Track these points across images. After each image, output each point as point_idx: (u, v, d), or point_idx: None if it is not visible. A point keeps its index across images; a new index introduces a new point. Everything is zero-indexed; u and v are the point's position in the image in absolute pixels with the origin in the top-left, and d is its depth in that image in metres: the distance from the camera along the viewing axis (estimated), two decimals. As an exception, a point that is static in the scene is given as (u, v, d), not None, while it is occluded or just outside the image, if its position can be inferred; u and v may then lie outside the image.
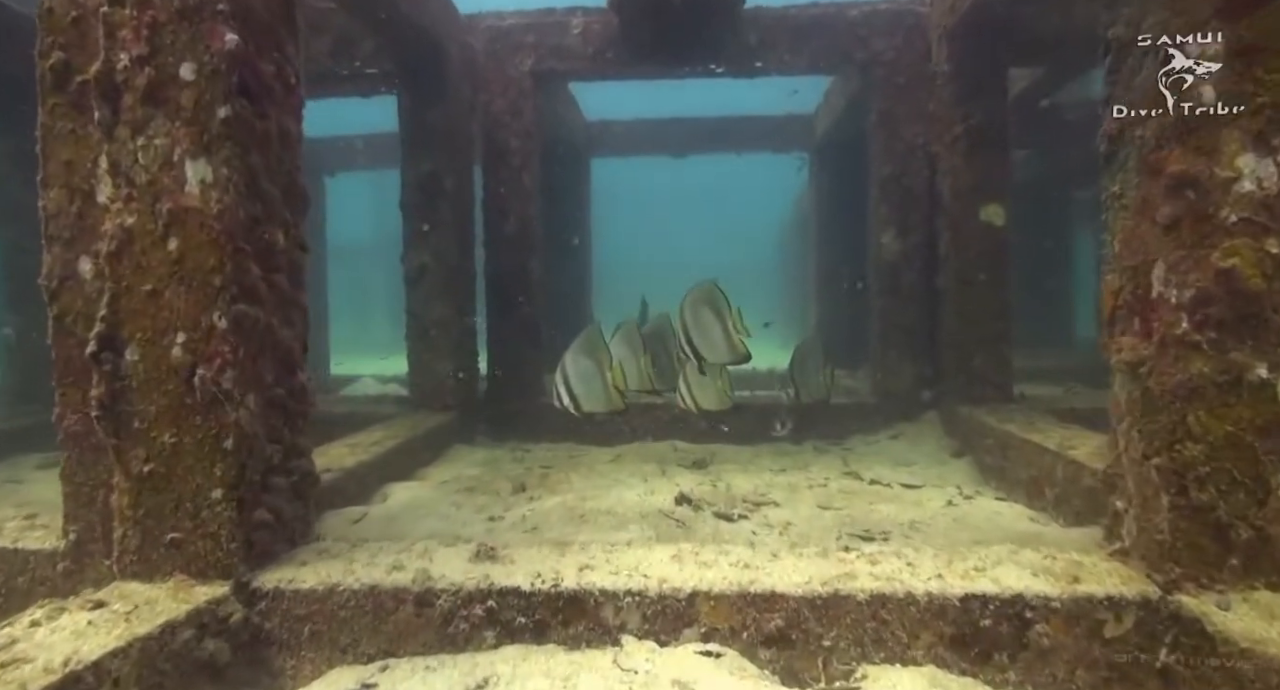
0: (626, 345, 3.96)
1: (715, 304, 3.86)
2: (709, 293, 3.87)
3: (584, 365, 3.72)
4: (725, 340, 3.87)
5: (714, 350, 3.90)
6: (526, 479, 4.05)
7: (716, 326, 3.87)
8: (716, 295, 3.85)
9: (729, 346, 3.86)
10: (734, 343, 3.86)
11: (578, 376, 3.72)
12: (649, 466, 4.38)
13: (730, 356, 3.84)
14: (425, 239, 5.15)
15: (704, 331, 3.87)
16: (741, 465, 4.47)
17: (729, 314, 3.85)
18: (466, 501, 3.58)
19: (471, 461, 4.60)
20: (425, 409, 5.18)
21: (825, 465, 4.47)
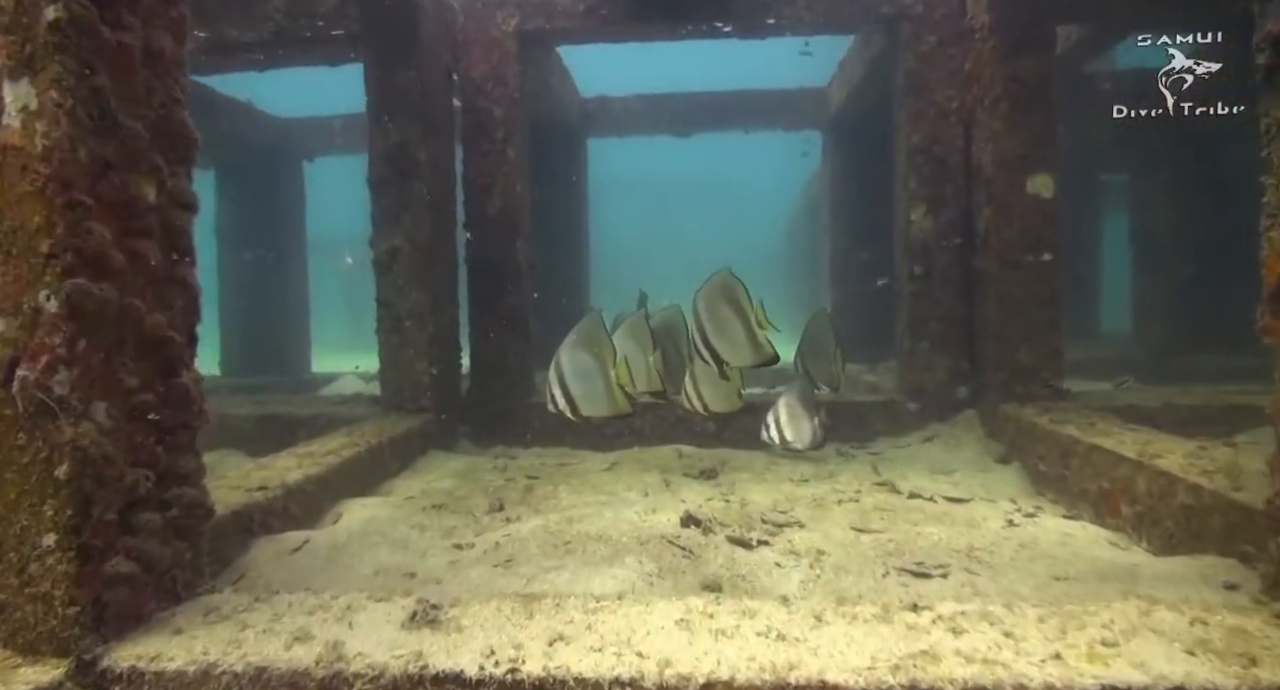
0: (633, 340, 3.40)
1: (734, 297, 3.28)
2: (726, 285, 3.28)
3: (582, 361, 3.15)
4: (747, 339, 3.28)
5: (735, 350, 3.32)
6: (507, 494, 3.47)
7: (736, 323, 3.29)
8: (735, 287, 3.27)
9: (752, 346, 3.28)
10: (758, 342, 3.28)
11: (575, 374, 3.15)
12: (650, 477, 3.80)
13: (754, 357, 3.26)
14: (396, 220, 4.56)
15: (722, 329, 3.30)
16: (757, 474, 3.88)
17: (750, 309, 3.27)
18: (433, 523, 3.00)
19: (447, 471, 4.02)
20: (398, 411, 4.61)
21: (853, 474, 3.88)
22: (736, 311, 3.29)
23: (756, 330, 3.26)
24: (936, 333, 4.80)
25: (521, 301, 4.93)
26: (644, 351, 3.37)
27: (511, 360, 4.95)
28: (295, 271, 8.64)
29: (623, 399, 3.20)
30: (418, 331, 4.57)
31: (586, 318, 3.23)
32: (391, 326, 4.61)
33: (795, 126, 7.85)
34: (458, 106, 5.06)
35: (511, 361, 4.94)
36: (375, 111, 4.53)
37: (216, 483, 3.01)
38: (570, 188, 7.83)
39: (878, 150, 7.36)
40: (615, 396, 3.18)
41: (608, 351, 3.15)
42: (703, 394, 3.51)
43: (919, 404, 4.80)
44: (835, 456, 4.35)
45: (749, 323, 3.27)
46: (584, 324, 3.21)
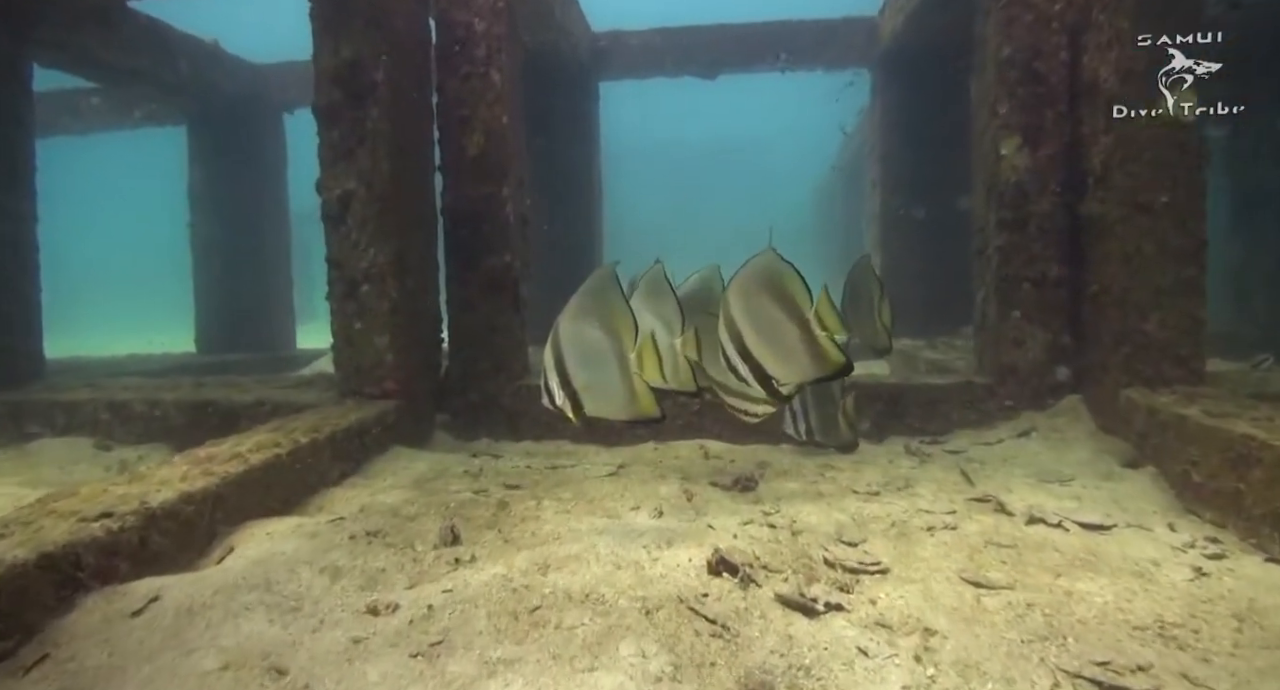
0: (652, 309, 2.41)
1: (782, 289, 2.28)
2: (769, 272, 2.27)
3: (589, 339, 2.17)
4: (805, 347, 2.28)
5: (787, 362, 2.33)
6: (472, 513, 2.56)
7: (788, 325, 2.29)
8: (783, 275, 2.25)
9: (811, 356, 2.28)
10: (820, 351, 2.29)
11: (580, 356, 2.17)
12: (666, 487, 2.86)
13: (814, 370, 2.29)
14: (349, 157, 3.64)
15: (769, 334, 2.30)
16: (808, 483, 2.93)
17: (808, 304, 2.26)
18: (354, 564, 2.10)
19: (406, 477, 3.12)
20: (356, 398, 3.71)
21: (937, 483, 2.91)
22: (787, 309, 2.28)
23: (817, 334, 2.25)
24: (1032, 299, 3.79)
25: (509, 262, 3.99)
26: (667, 329, 2.43)
27: (499, 335, 4.02)
28: (276, 238, 7.77)
29: (648, 396, 2.19)
30: (377, 298, 3.65)
31: (597, 273, 2.23)
32: (345, 292, 3.70)
33: (839, 64, 6.79)
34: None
35: (499, 336, 4.02)
36: (321, 18, 3.58)
37: (52, 506, 2.13)
38: (579, 137, 6.86)
39: (939, 88, 6.32)
40: (636, 392, 2.17)
41: (625, 325, 2.16)
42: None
43: (1007, 388, 3.81)
44: (905, 456, 3.38)
45: (805, 323, 2.26)
46: (593, 282, 2.21)
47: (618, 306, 2.16)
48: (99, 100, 8.22)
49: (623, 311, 2.15)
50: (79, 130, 8.34)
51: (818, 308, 2.24)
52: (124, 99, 8.08)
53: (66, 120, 8.08)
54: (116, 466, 3.67)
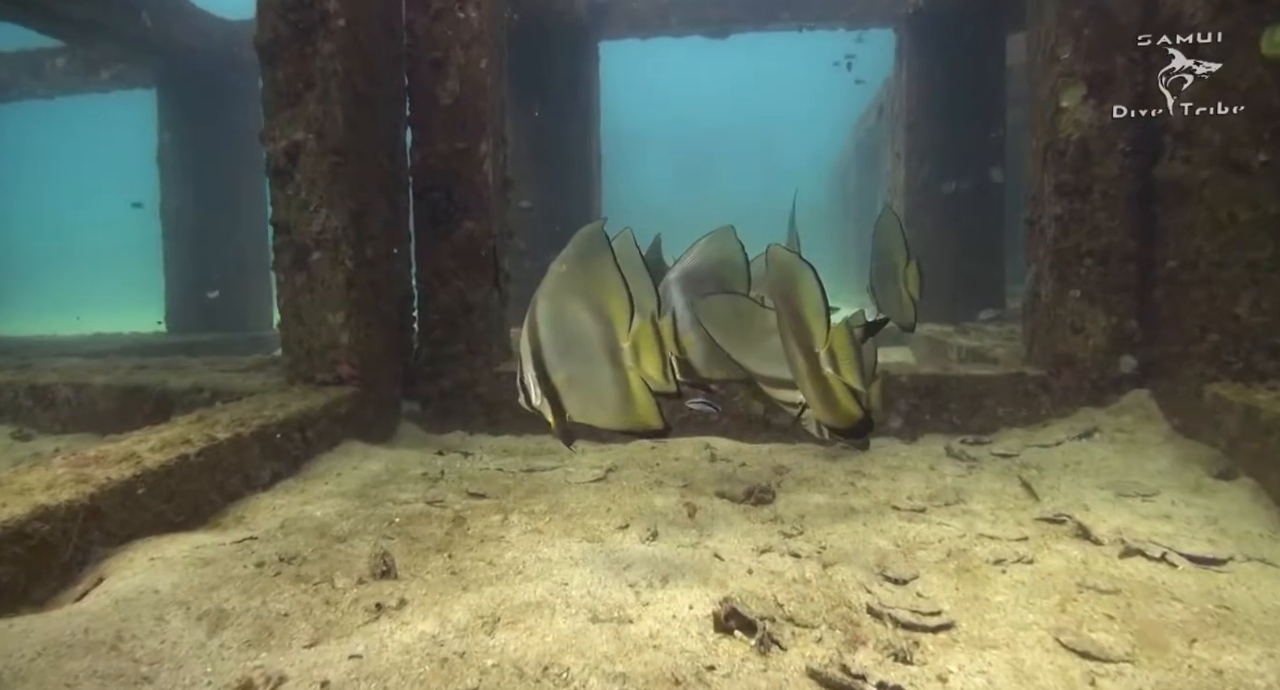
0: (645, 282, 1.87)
1: (792, 280, 1.75)
2: (784, 272, 1.76)
3: (573, 322, 1.64)
4: (813, 386, 1.76)
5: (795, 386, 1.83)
6: (420, 532, 2.04)
7: (795, 355, 1.77)
8: (798, 279, 1.73)
9: (822, 401, 1.76)
10: (832, 397, 1.76)
11: (561, 346, 1.64)
12: (664, 498, 2.35)
13: (823, 415, 1.78)
14: (297, 101, 3.10)
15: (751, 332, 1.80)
16: (835, 494, 2.41)
17: (820, 329, 1.73)
18: (247, 607, 1.59)
19: (350, 481, 2.60)
20: (306, 383, 3.20)
21: (993, 495, 2.39)
22: (797, 332, 1.77)
23: (827, 372, 1.73)
24: (1094, 276, 3.24)
25: (485, 229, 3.46)
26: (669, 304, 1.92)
27: (474, 313, 3.49)
28: (252, 209, 7.23)
29: (646, 400, 1.63)
30: (330, 268, 3.13)
31: (582, 233, 1.69)
32: (293, 261, 3.17)
33: (861, 21, 6.19)
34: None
35: (474, 315, 3.49)
36: (261, -62, 3.04)
37: None
38: (577, 103, 6.31)
39: (972, 49, 5.75)
40: (631, 394, 1.64)
41: (618, 303, 1.62)
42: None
43: (1063, 380, 3.28)
44: (948, 460, 2.86)
45: (814, 357, 1.73)
46: (577, 246, 1.66)
47: (608, 278, 1.62)
48: (64, 61, 7.68)
49: (614, 285, 1.61)
50: (43, 94, 7.81)
51: (832, 343, 1.71)
52: (89, 59, 7.54)
53: (28, 82, 7.54)
54: (29, 460, 3.17)
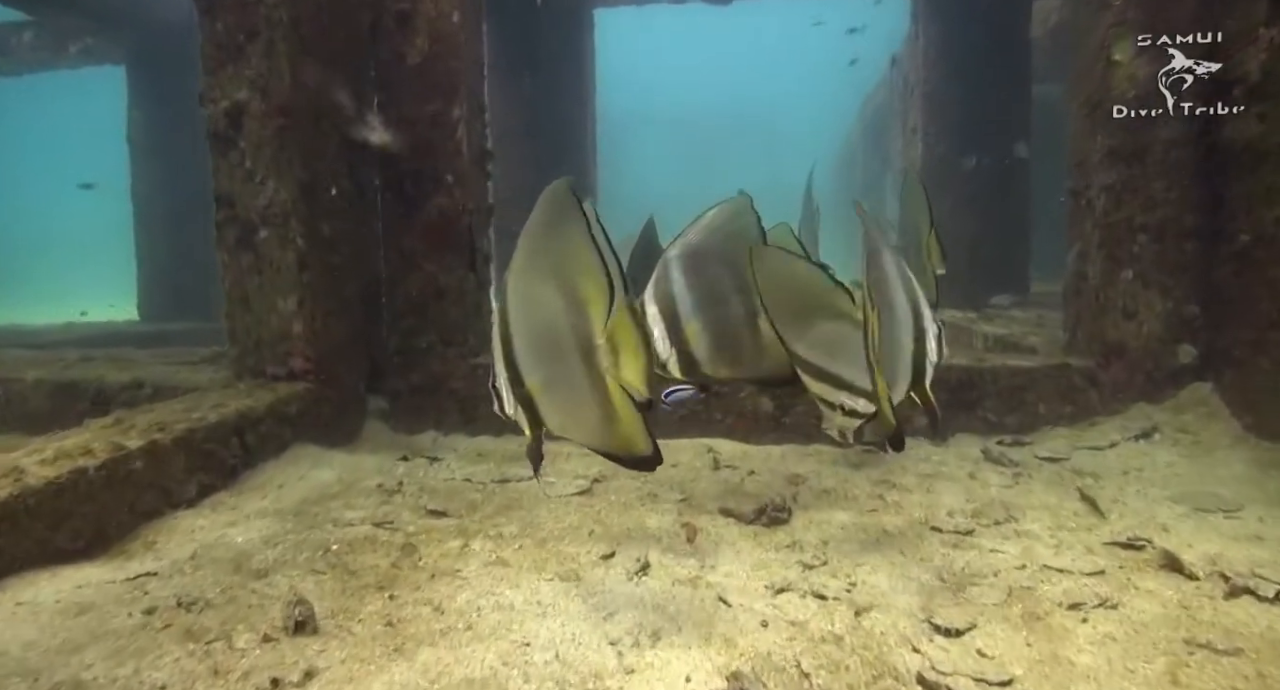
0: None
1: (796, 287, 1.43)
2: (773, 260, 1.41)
3: (544, 309, 1.26)
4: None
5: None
6: (355, 566, 1.67)
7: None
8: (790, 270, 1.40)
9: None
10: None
11: (532, 340, 1.27)
12: (658, 518, 1.97)
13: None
14: (238, 56, 2.71)
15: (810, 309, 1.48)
16: (863, 510, 2.03)
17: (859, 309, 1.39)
18: (110, 680, 1.22)
19: (291, 495, 2.23)
20: (254, 378, 2.83)
21: (1049, 511, 2.01)
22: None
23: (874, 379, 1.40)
24: (1150, 254, 2.85)
25: (460, 205, 3.07)
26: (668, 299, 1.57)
27: (447, 299, 3.11)
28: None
29: (631, 417, 1.29)
30: (279, 248, 2.75)
31: (548, 195, 1.30)
32: (238, 239, 2.79)
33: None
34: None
35: (447, 302, 3.11)
36: None
37: None
38: (570, 75, 5.90)
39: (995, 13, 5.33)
40: (612, 408, 1.30)
41: (594, 284, 1.25)
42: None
43: (1113, 373, 2.89)
44: (988, 466, 2.48)
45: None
46: (543, 211, 1.30)
47: (580, 253, 1.24)
48: (31, 36, 7.28)
49: (588, 263, 1.24)
50: (9, 71, 7.42)
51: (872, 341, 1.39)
52: (57, 34, 7.14)
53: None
54: (-56, 467, 2.81)
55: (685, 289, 1.71)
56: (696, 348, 1.70)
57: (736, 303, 1.70)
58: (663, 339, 1.72)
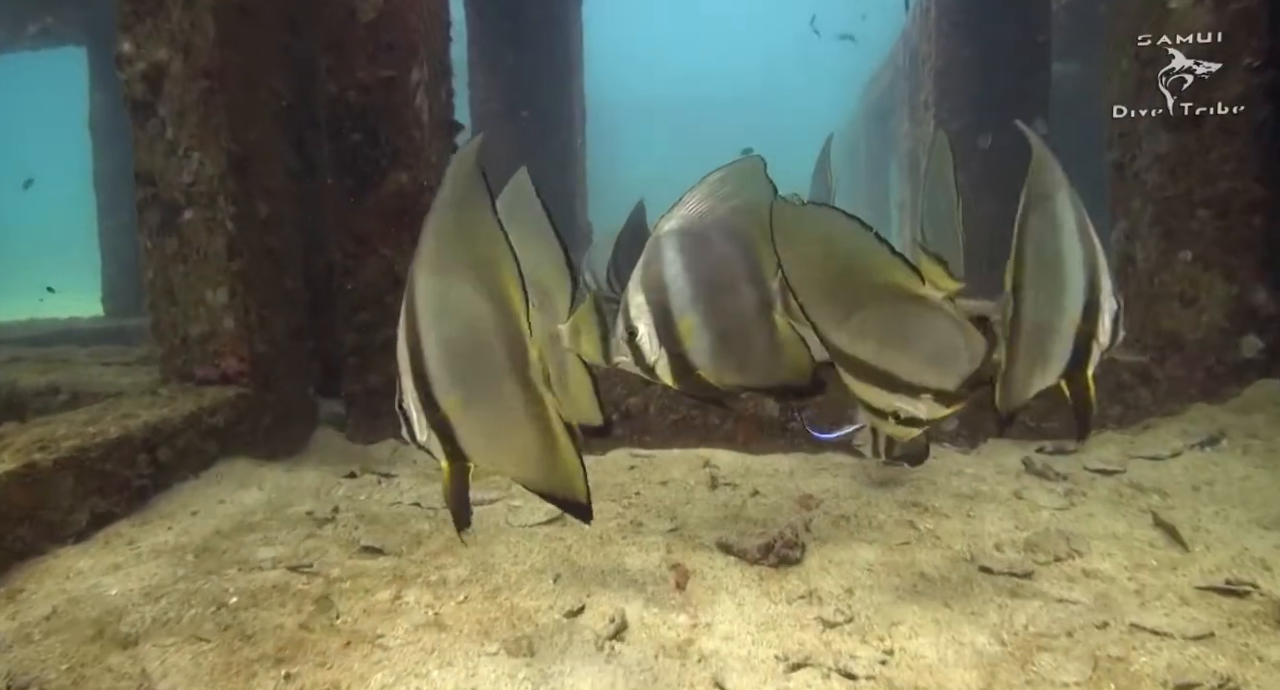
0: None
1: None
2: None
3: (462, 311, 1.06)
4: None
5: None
6: (251, 629, 1.31)
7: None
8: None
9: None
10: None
11: (447, 350, 1.05)
12: (640, 556, 1.60)
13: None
14: (157, 10, 2.33)
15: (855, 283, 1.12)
16: (891, 543, 1.66)
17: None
18: None
19: (201, 525, 1.85)
20: (182, 382, 2.46)
21: (1118, 542, 1.64)
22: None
23: None
24: (1211, 233, 2.48)
25: (420, 181, 2.69)
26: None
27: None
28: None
29: (570, 458, 1.09)
30: (206, 231, 2.37)
31: (456, 163, 1.05)
32: (161, 222, 2.42)
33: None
34: None
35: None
36: None
37: None
38: (557, 49, 5.51)
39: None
40: (551, 436, 1.09)
41: (510, 281, 1.06)
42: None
43: (1168, 368, 2.53)
44: (1032, 480, 2.11)
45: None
46: (455, 184, 1.05)
47: (493, 243, 1.04)
48: (-12, 15, 6.87)
49: (500, 255, 1.04)
50: (-34, 52, 7.02)
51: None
52: (14, 13, 6.73)
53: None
54: None
55: (681, 274, 1.34)
56: (693, 348, 1.33)
57: (746, 291, 1.33)
58: (651, 337, 1.35)
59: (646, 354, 1.34)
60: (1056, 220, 1.19)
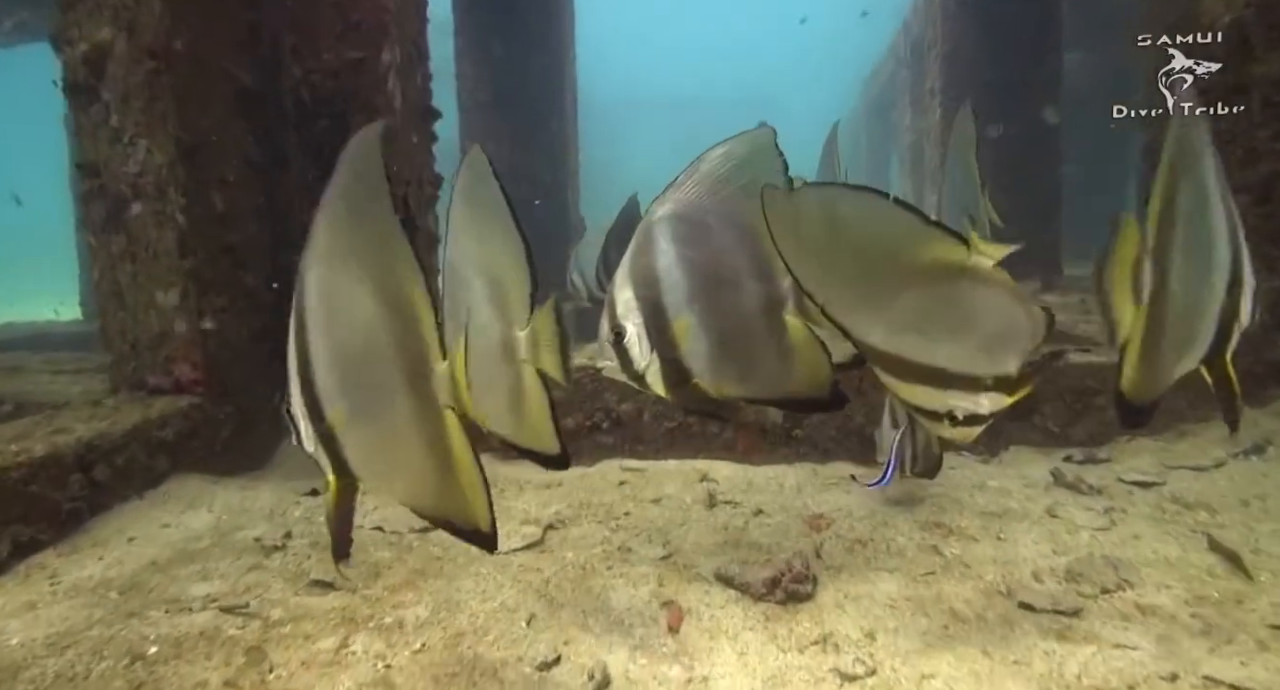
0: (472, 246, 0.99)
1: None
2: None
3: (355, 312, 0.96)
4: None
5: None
6: (166, 684, 1.11)
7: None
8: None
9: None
10: None
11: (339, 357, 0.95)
12: (627, 590, 1.40)
13: None
14: (97, -18, 2.13)
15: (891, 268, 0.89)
16: (915, 573, 1.46)
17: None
18: None
19: (137, 554, 1.65)
20: (131, 390, 2.26)
21: (1175, 570, 1.44)
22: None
23: None
24: (1251, 220, 2.27)
25: (394, 174, 2.50)
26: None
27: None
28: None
29: (475, 485, 0.99)
30: (156, 226, 2.17)
31: (355, 143, 0.96)
32: (107, 217, 2.22)
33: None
34: None
35: (381, 290, 2.55)
36: None
37: None
38: (547, 38, 5.31)
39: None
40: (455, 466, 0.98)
41: (411, 283, 0.97)
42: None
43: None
44: (1064, 494, 1.91)
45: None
46: (349, 174, 0.96)
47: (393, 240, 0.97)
48: (-39, 10, 6.66)
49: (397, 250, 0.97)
50: (-61, 48, 6.81)
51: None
52: (-11, 6, 6.53)
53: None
54: None
55: (676, 266, 1.14)
56: (689, 353, 1.13)
57: (752, 286, 1.13)
58: (640, 339, 1.15)
59: (635, 359, 1.14)
60: (1203, 186, 1.02)
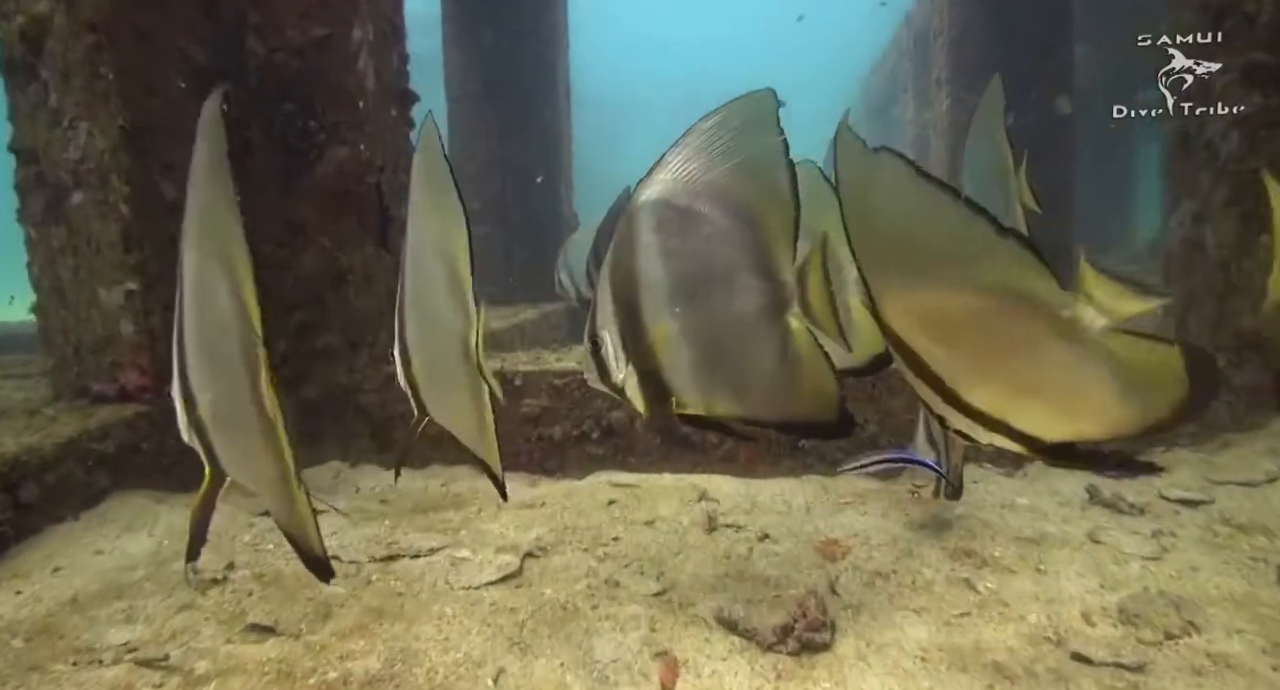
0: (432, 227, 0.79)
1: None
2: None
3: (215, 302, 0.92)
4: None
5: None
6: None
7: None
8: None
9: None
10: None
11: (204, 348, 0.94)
12: (614, 638, 1.21)
13: None
14: (32, -53, 1.93)
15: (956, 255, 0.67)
16: (946, 616, 1.27)
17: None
18: None
19: (59, 587, 1.45)
20: (75, 397, 2.06)
21: (1243, 609, 1.25)
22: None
23: None
24: (1301, 211, 2.09)
25: (365, 159, 2.30)
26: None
27: (351, 286, 2.35)
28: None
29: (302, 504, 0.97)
30: (99, 217, 1.97)
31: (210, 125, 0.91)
32: (46, 207, 2.02)
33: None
34: None
35: (351, 289, 2.35)
36: None
37: None
38: (539, 28, 5.11)
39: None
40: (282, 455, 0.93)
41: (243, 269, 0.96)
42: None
43: (1247, 373, 2.14)
44: (1102, 512, 1.72)
45: None
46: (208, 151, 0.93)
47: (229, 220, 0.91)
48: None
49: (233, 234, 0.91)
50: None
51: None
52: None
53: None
54: None
55: (656, 262, 0.95)
56: (670, 365, 0.94)
57: (748, 285, 0.94)
58: (615, 349, 0.96)
59: (612, 374, 0.95)
60: None
